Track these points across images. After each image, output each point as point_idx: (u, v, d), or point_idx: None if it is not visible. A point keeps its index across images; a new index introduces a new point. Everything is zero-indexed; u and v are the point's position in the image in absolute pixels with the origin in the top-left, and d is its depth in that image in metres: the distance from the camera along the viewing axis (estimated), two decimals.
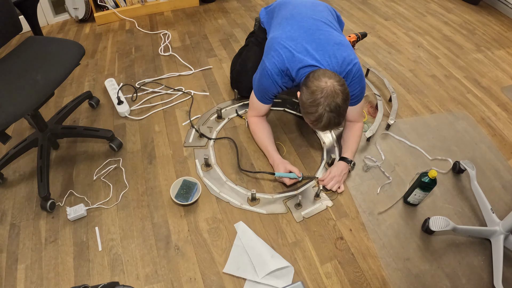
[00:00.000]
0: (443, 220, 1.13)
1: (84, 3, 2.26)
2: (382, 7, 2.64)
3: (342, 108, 1.11)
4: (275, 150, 1.38)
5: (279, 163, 1.32)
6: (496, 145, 1.56)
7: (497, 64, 2.07)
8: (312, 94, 1.10)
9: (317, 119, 1.11)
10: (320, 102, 1.09)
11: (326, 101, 1.08)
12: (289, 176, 1.28)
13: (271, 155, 1.37)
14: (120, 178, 1.36)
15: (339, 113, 1.11)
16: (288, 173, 1.28)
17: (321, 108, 1.09)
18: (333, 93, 1.09)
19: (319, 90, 1.09)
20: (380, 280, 1.09)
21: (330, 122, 1.11)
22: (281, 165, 1.31)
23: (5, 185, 1.34)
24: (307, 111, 1.13)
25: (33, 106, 1.06)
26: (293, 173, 1.28)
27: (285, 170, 1.29)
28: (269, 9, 1.52)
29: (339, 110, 1.10)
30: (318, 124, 1.13)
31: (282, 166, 1.30)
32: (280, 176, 1.29)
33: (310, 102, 1.11)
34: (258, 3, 2.62)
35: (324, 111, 1.09)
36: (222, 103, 1.71)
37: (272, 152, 1.37)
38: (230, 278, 1.09)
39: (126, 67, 1.95)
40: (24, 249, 1.15)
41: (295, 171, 1.29)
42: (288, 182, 1.30)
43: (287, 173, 1.28)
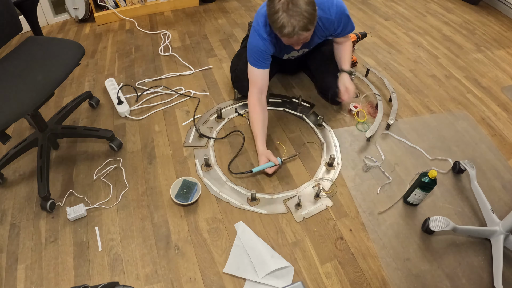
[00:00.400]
0: (443, 220, 1.13)
1: (84, 3, 2.26)
2: (382, 7, 2.64)
3: (305, 10, 1.10)
4: (261, 141, 1.38)
5: (260, 154, 1.36)
6: (496, 145, 1.56)
7: (497, 64, 2.07)
8: (271, 2, 1.13)
9: (280, 26, 1.13)
10: (279, 8, 1.10)
11: (285, 4, 1.09)
12: (265, 166, 1.32)
13: (257, 146, 1.39)
14: (120, 178, 1.36)
15: (303, 15, 1.11)
16: (265, 165, 1.32)
17: (281, 13, 1.10)
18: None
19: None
20: (380, 280, 1.09)
21: (293, 26, 1.11)
22: (262, 157, 1.34)
23: (5, 185, 1.34)
24: (272, 21, 1.15)
25: (33, 106, 1.06)
26: (270, 162, 1.31)
27: (264, 161, 1.33)
28: None
29: (301, 13, 1.10)
30: (283, 30, 1.13)
31: (263, 158, 1.34)
32: (258, 170, 1.33)
33: (271, 11, 1.13)
34: (258, 3, 2.62)
35: (284, 14, 1.10)
36: (222, 103, 1.71)
37: (258, 142, 1.38)
38: (230, 278, 1.09)
39: (126, 67, 1.95)
40: (24, 249, 1.15)
41: (273, 159, 1.31)
42: (269, 171, 1.34)
43: (263, 165, 1.32)
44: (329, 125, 1.60)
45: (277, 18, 1.12)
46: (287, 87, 1.81)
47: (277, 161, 1.32)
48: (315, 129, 1.58)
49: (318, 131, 1.57)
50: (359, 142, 1.53)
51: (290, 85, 1.82)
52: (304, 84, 1.83)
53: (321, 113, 1.64)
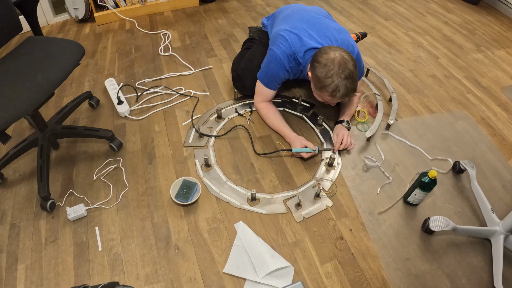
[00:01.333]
0: (443, 220, 1.13)
1: (84, 3, 2.26)
2: (382, 7, 2.64)
3: (354, 73, 1.20)
4: (289, 129, 1.47)
5: (295, 139, 1.41)
6: (496, 145, 1.56)
7: (497, 64, 2.07)
8: (325, 66, 1.20)
9: (334, 89, 1.20)
10: (334, 73, 1.18)
11: (340, 69, 1.18)
12: (306, 150, 1.37)
13: (286, 134, 1.46)
14: (120, 178, 1.36)
15: (353, 79, 1.20)
16: (304, 148, 1.37)
17: (336, 78, 1.18)
18: (344, 61, 1.19)
19: (330, 61, 1.19)
20: (380, 280, 1.09)
21: (347, 89, 1.20)
22: (297, 141, 1.40)
23: (5, 185, 1.34)
24: (324, 84, 1.21)
25: (33, 106, 1.06)
26: (309, 147, 1.37)
27: (301, 146, 1.38)
28: (270, 17, 1.66)
29: (352, 76, 1.20)
30: (336, 94, 1.21)
31: (298, 142, 1.39)
32: (297, 151, 1.37)
33: (324, 75, 1.20)
34: (258, 3, 2.62)
35: (339, 79, 1.18)
36: (222, 103, 1.71)
37: (286, 130, 1.46)
38: (230, 278, 1.09)
39: (126, 67, 1.95)
40: (24, 249, 1.15)
41: (310, 146, 1.38)
42: (305, 156, 1.39)
43: (303, 148, 1.37)
44: (329, 125, 1.60)
45: (330, 83, 1.19)
46: (287, 87, 1.81)
47: (315, 148, 1.38)
48: (315, 129, 1.58)
49: (318, 131, 1.57)
50: (359, 142, 1.53)
51: (290, 85, 1.82)
52: (304, 84, 1.83)
53: (321, 113, 1.64)
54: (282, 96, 1.74)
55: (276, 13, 1.61)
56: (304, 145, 1.38)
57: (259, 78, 1.48)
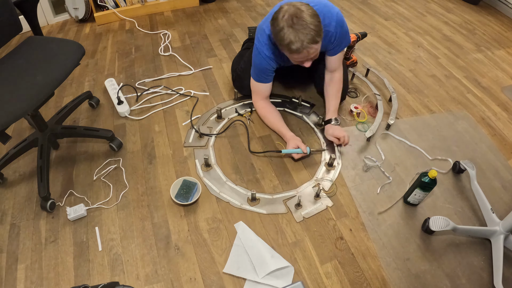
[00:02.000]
0: (443, 220, 1.13)
1: (84, 3, 2.26)
2: (382, 7, 2.64)
3: (311, 23, 1.08)
4: (286, 129, 1.46)
5: (289, 139, 1.41)
6: (496, 145, 1.56)
7: (497, 64, 2.07)
8: (276, 20, 1.10)
9: (288, 42, 1.10)
10: (285, 25, 1.08)
11: (290, 20, 1.07)
12: (295, 151, 1.37)
13: (284, 133, 1.45)
14: (120, 178, 1.36)
15: (310, 28, 1.08)
16: (294, 149, 1.37)
17: (287, 29, 1.08)
18: (296, 11, 1.07)
19: (281, 13, 1.09)
20: (380, 280, 1.09)
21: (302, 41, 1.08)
22: (291, 141, 1.39)
23: (5, 185, 1.34)
24: (279, 41, 1.13)
25: (33, 106, 1.06)
26: (299, 149, 1.36)
27: (294, 146, 1.37)
28: None
29: (307, 25, 1.07)
30: (292, 47, 1.10)
31: (293, 143, 1.38)
32: (287, 152, 1.38)
33: (277, 30, 1.10)
34: (258, 3, 2.62)
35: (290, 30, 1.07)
36: (222, 103, 1.71)
37: (284, 130, 1.46)
38: (230, 278, 1.09)
39: (126, 67, 1.95)
40: (24, 249, 1.15)
41: (302, 147, 1.36)
42: (295, 156, 1.39)
43: (293, 149, 1.37)
44: None
45: (283, 35, 1.10)
46: (287, 87, 1.81)
47: (306, 150, 1.36)
48: (315, 129, 1.58)
49: (318, 131, 1.57)
50: (359, 142, 1.53)
51: (290, 85, 1.82)
52: (304, 84, 1.83)
53: (321, 113, 1.64)
54: (282, 96, 1.74)
55: None
56: (297, 146, 1.37)
57: (251, 75, 1.46)
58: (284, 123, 1.50)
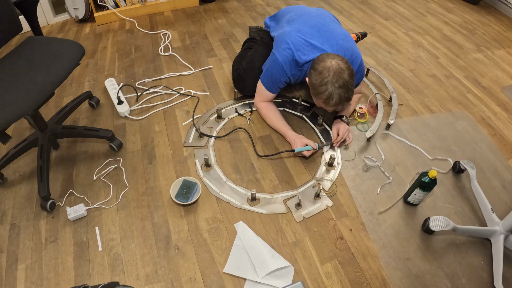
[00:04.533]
0: (443, 220, 1.13)
1: (84, 3, 2.26)
2: (382, 7, 2.64)
3: (349, 83, 1.21)
4: (289, 128, 1.49)
5: (295, 138, 1.42)
6: (496, 145, 1.56)
7: (497, 64, 2.07)
8: (320, 74, 1.21)
9: (328, 97, 1.21)
10: (328, 81, 1.19)
11: (334, 78, 1.19)
12: (307, 149, 1.38)
13: (287, 134, 1.47)
14: (120, 178, 1.36)
15: (348, 88, 1.21)
16: (305, 147, 1.39)
17: (330, 86, 1.19)
18: (339, 70, 1.20)
19: (325, 69, 1.20)
20: (380, 280, 1.09)
21: (340, 97, 1.21)
22: (298, 140, 1.41)
23: (5, 185, 1.34)
24: (318, 91, 1.23)
25: (33, 106, 1.06)
26: (309, 145, 1.38)
27: (302, 144, 1.39)
28: (273, 17, 1.66)
29: (347, 85, 1.20)
30: (330, 101, 1.23)
31: (299, 141, 1.40)
32: (299, 151, 1.38)
33: (319, 82, 1.21)
34: (258, 3, 2.62)
35: (333, 87, 1.19)
36: (222, 103, 1.71)
37: (286, 130, 1.48)
38: (230, 278, 1.09)
39: (126, 67, 1.95)
40: (24, 249, 1.15)
41: (311, 144, 1.39)
42: (307, 154, 1.40)
43: (304, 147, 1.39)
44: (329, 125, 1.60)
45: (324, 90, 1.21)
46: (287, 87, 1.81)
47: (315, 145, 1.39)
48: (315, 129, 1.58)
49: (318, 131, 1.57)
50: (359, 142, 1.53)
51: (290, 85, 1.82)
52: (304, 84, 1.83)
53: (321, 113, 1.64)
54: (282, 96, 1.74)
55: (279, 15, 1.61)
56: (305, 144, 1.39)
57: (262, 80, 1.48)
58: (285, 122, 1.51)
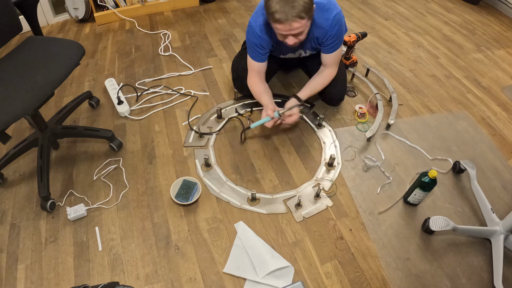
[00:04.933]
0: (443, 220, 1.13)
1: (84, 3, 2.26)
2: (382, 7, 2.64)
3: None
4: (268, 99, 1.43)
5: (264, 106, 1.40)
6: (496, 145, 1.56)
7: (497, 64, 2.07)
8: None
9: (273, 12, 1.13)
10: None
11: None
12: (263, 121, 1.36)
13: (263, 102, 1.43)
14: (120, 178, 1.36)
15: (298, 3, 1.10)
16: (261, 120, 1.36)
17: None
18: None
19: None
20: (380, 280, 1.09)
21: (285, 10, 1.11)
22: (264, 111, 1.39)
23: (5, 185, 1.34)
24: (267, 11, 1.16)
25: (33, 106, 1.06)
26: (267, 117, 1.35)
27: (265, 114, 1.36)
28: None
29: (297, 0, 1.10)
30: (275, 16, 1.13)
31: (264, 112, 1.38)
32: (255, 125, 1.38)
33: (265, 1, 1.15)
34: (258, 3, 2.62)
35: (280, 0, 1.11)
36: (222, 103, 1.71)
37: (264, 100, 1.43)
38: (230, 278, 1.09)
39: (126, 67, 1.95)
40: (24, 249, 1.15)
41: (269, 113, 1.35)
42: (268, 125, 1.38)
43: (259, 121, 1.36)
44: (329, 125, 1.60)
45: (270, 4, 1.14)
46: (287, 87, 1.81)
47: (273, 114, 1.34)
48: (315, 129, 1.58)
49: (318, 131, 1.57)
50: (359, 142, 1.53)
51: (290, 85, 1.82)
52: (304, 84, 1.82)
53: (321, 113, 1.64)
54: (281, 95, 1.74)
55: None
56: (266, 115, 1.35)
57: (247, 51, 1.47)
58: (268, 95, 1.45)
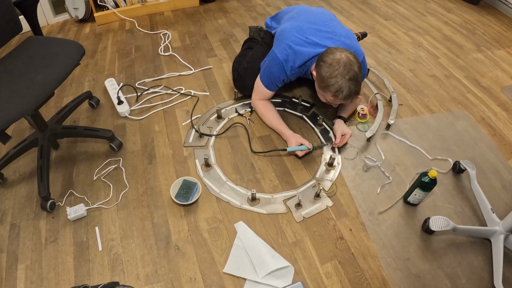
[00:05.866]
0: (443, 220, 1.13)
1: (84, 3, 2.26)
2: (382, 7, 2.64)
3: (359, 76, 1.20)
4: (285, 127, 1.48)
5: (290, 137, 1.42)
6: (496, 145, 1.56)
7: (497, 64, 2.07)
8: (330, 66, 1.19)
9: (337, 89, 1.20)
10: (339, 73, 1.18)
11: (345, 70, 1.18)
12: (300, 148, 1.38)
13: (283, 132, 1.47)
14: (120, 178, 1.36)
15: (357, 81, 1.20)
16: (298, 146, 1.38)
17: (340, 78, 1.18)
18: (350, 62, 1.19)
19: (335, 61, 1.19)
20: (380, 280, 1.09)
21: (350, 90, 1.20)
22: (293, 139, 1.40)
23: (5, 185, 1.34)
24: (327, 84, 1.21)
25: (33, 106, 1.06)
26: (303, 145, 1.37)
27: (296, 143, 1.39)
28: (274, 17, 1.66)
29: (356, 78, 1.19)
30: (339, 94, 1.21)
31: (294, 140, 1.40)
32: (292, 150, 1.38)
33: (329, 75, 1.20)
34: (258, 3, 2.62)
35: (343, 80, 1.18)
36: (222, 103, 1.71)
37: (283, 129, 1.47)
38: (230, 278, 1.09)
39: (126, 67, 1.95)
40: (24, 249, 1.15)
41: (305, 143, 1.38)
42: (299, 154, 1.40)
43: (297, 147, 1.38)
44: (329, 125, 1.60)
45: (334, 83, 1.19)
46: (287, 87, 1.81)
47: (310, 145, 1.39)
48: (315, 129, 1.58)
49: (318, 131, 1.57)
50: (359, 142, 1.53)
51: (290, 85, 1.82)
52: (304, 84, 1.83)
53: (321, 113, 1.64)
54: (282, 96, 1.74)
55: (281, 15, 1.61)
56: (300, 143, 1.38)
57: (260, 78, 1.48)
58: (282, 121, 1.51)
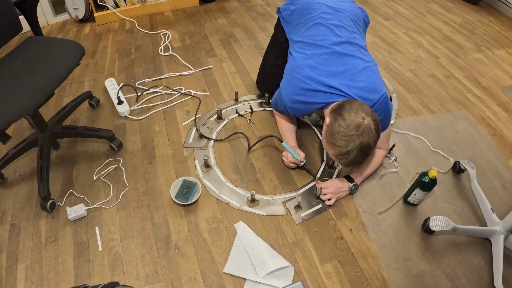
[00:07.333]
0: (443, 220, 1.13)
1: (84, 3, 2.26)
2: (382, 7, 2.64)
3: (371, 148, 1.07)
4: (293, 140, 1.42)
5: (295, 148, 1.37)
6: (496, 145, 1.56)
7: (497, 64, 2.07)
8: (347, 127, 1.04)
9: (343, 154, 1.06)
10: (353, 138, 1.03)
11: (360, 138, 1.03)
12: (292, 153, 1.32)
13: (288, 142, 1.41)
14: (120, 178, 1.36)
15: (366, 152, 1.07)
16: (293, 151, 1.32)
17: (352, 145, 1.04)
18: (368, 132, 1.04)
19: (355, 125, 1.03)
20: (380, 280, 1.09)
21: (356, 160, 1.07)
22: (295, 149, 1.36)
23: (5, 185, 1.34)
24: (335, 142, 1.06)
25: (33, 106, 1.06)
26: (298, 154, 1.31)
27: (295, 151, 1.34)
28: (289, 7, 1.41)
29: (367, 150, 1.06)
30: (343, 159, 1.08)
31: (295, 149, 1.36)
32: (286, 148, 1.33)
33: (341, 135, 1.05)
34: (258, 3, 2.62)
35: (354, 147, 1.04)
36: (222, 103, 1.71)
37: (290, 141, 1.41)
38: (230, 278, 1.09)
39: (126, 67, 1.95)
40: (24, 249, 1.15)
41: (301, 156, 1.32)
42: (289, 158, 1.34)
43: (292, 150, 1.32)
44: None
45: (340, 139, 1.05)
46: None
47: (302, 157, 1.32)
48: (315, 129, 1.58)
49: (318, 131, 1.57)
50: None
51: None
52: None
53: (321, 114, 1.64)
54: None
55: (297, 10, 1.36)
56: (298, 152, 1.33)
57: (272, 103, 1.43)
58: (293, 133, 1.44)
